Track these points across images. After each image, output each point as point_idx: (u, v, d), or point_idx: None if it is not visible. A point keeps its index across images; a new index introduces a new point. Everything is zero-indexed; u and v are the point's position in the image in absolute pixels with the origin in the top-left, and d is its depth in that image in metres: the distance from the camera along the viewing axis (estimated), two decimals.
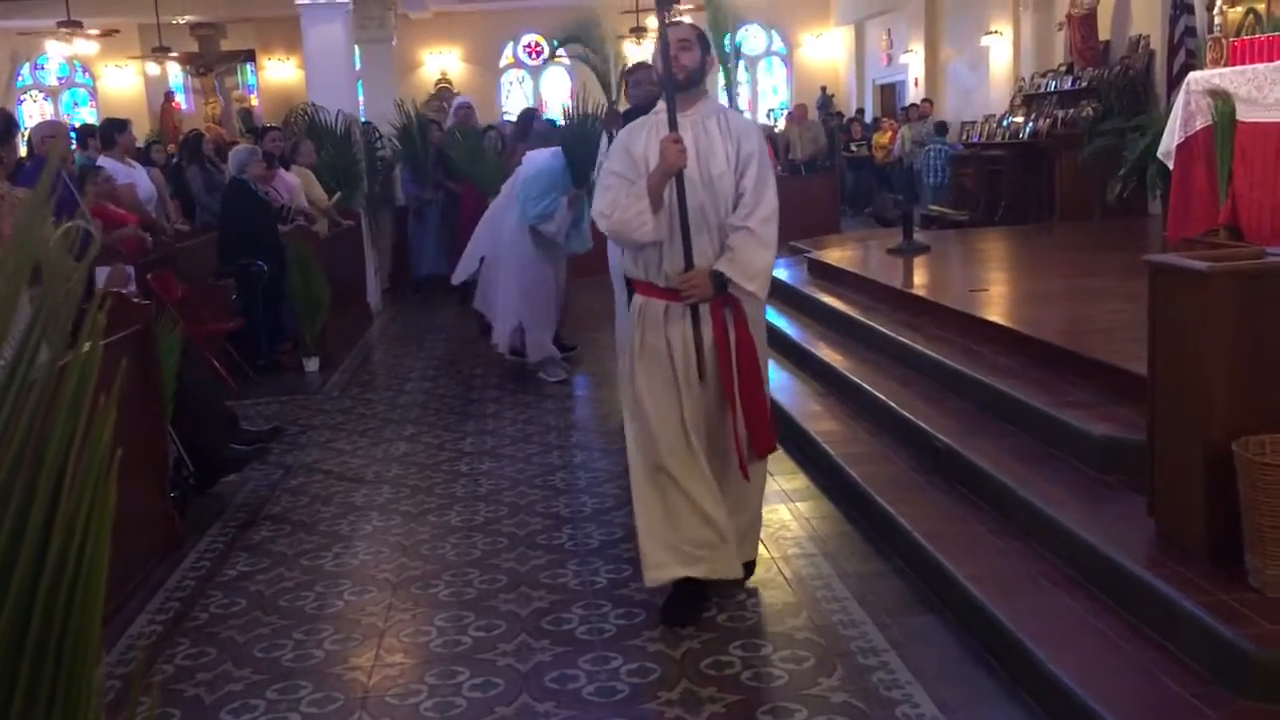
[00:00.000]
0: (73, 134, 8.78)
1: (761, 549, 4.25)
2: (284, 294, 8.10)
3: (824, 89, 20.51)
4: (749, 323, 3.70)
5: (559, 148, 7.22)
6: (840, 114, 19.66)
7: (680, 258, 3.57)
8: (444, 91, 19.09)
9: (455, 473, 5.57)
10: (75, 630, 0.79)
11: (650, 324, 3.66)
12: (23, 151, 10.10)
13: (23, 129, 13.15)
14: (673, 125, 3.52)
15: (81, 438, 0.71)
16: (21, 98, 20.49)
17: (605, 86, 11.16)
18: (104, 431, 0.71)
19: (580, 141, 7.11)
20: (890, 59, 19.30)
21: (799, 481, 5.08)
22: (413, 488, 5.36)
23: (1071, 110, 11.89)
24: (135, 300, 4.84)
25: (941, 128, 15.12)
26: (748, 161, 3.58)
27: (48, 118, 18.04)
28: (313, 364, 8.16)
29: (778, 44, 21.65)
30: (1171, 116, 7.31)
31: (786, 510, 4.70)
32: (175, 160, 12.03)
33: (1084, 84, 11.99)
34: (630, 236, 3.58)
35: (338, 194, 10.09)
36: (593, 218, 3.83)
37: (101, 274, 5.58)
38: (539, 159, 7.27)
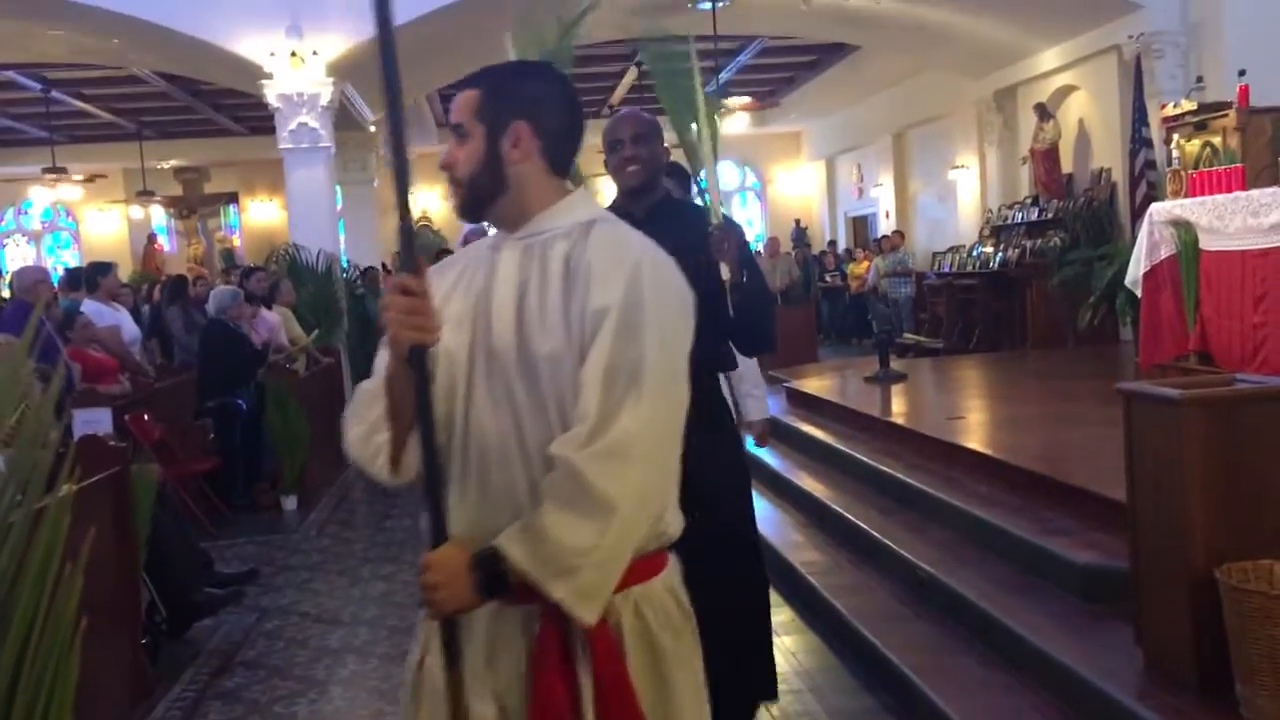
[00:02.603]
0: (54, 277, 8.84)
1: None
2: (262, 432, 8.06)
3: (798, 221, 20.97)
4: (627, 653, 1.78)
5: None
6: (809, 245, 20.07)
7: (469, 509, 1.83)
8: (424, 230, 19.38)
9: None
10: None
11: (434, 633, 1.86)
12: (4, 293, 10.16)
13: (4, 273, 13.24)
14: (406, 261, 1.77)
15: (47, 607, 0.68)
16: (3, 242, 20.71)
17: None
18: (70, 602, 0.68)
19: None
20: (861, 192, 19.80)
21: (784, 615, 5.00)
22: (391, 629, 5.26)
23: (1039, 240, 12.16)
24: (112, 443, 4.81)
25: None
26: (596, 328, 1.74)
27: (30, 263, 18.18)
28: (290, 502, 8.08)
29: (751, 179, 22.19)
30: (1137, 246, 7.47)
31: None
32: (155, 303, 12.09)
33: (1050, 215, 12.30)
34: (369, 471, 1.88)
35: (315, 331, 10.14)
36: None
37: (79, 418, 5.55)
38: None
